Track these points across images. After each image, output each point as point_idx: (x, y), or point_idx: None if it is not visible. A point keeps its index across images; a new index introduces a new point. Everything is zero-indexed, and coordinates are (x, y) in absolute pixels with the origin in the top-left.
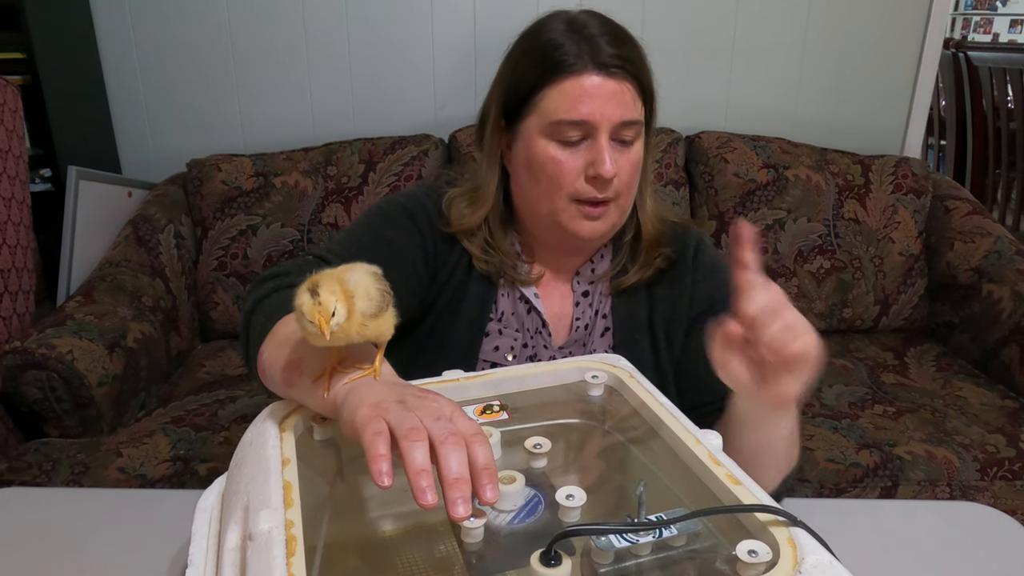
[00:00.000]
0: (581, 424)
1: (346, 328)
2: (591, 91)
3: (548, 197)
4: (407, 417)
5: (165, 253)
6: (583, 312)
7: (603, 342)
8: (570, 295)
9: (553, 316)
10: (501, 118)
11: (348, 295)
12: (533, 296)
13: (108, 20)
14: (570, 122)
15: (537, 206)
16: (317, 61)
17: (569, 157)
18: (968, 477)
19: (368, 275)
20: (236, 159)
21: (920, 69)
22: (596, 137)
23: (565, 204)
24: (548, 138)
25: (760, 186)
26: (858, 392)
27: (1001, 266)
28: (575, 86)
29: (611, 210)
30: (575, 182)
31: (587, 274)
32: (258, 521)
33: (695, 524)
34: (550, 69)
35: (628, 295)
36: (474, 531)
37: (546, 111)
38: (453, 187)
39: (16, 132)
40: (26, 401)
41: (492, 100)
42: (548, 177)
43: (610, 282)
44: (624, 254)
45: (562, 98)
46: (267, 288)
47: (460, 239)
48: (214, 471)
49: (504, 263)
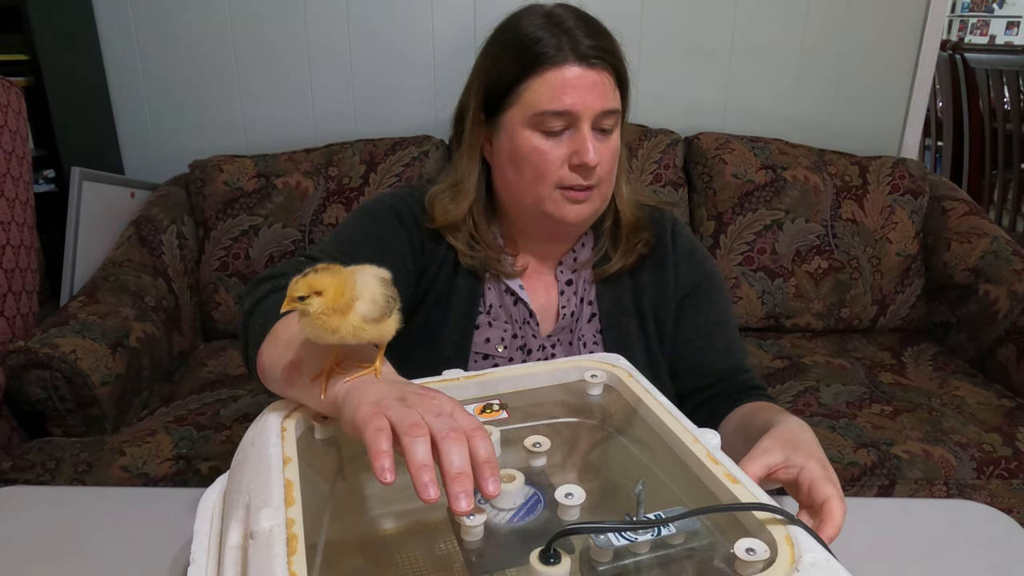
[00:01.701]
0: (580, 423)
1: (335, 324)
2: (573, 82)
3: (533, 186)
4: (408, 414)
5: (168, 253)
6: (568, 300)
7: (590, 328)
8: (554, 285)
9: (539, 307)
10: (481, 112)
11: (341, 293)
12: (518, 288)
13: (111, 22)
14: (554, 113)
15: (522, 196)
16: (318, 63)
17: (553, 147)
18: (965, 476)
19: (376, 279)
20: (238, 160)
21: (917, 71)
22: (579, 127)
23: (550, 192)
24: (532, 129)
25: (758, 187)
26: (856, 391)
27: (998, 266)
28: (557, 77)
29: (594, 196)
30: (559, 171)
31: (570, 263)
32: (259, 519)
33: (693, 522)
34: (531, 61)
35: (612, 281)
36: (474, 529)
37: (529, 103)
38: (434, 185)
39: (20, 133)
40: (30, 400)
41: (471, 95)
42: (532, 167)
43: (593, 270)
44: (605, 240)
45: (545, 89)
46: (264, 289)
47: (445, 235)
48: (216, 470)
49: (489, 256)
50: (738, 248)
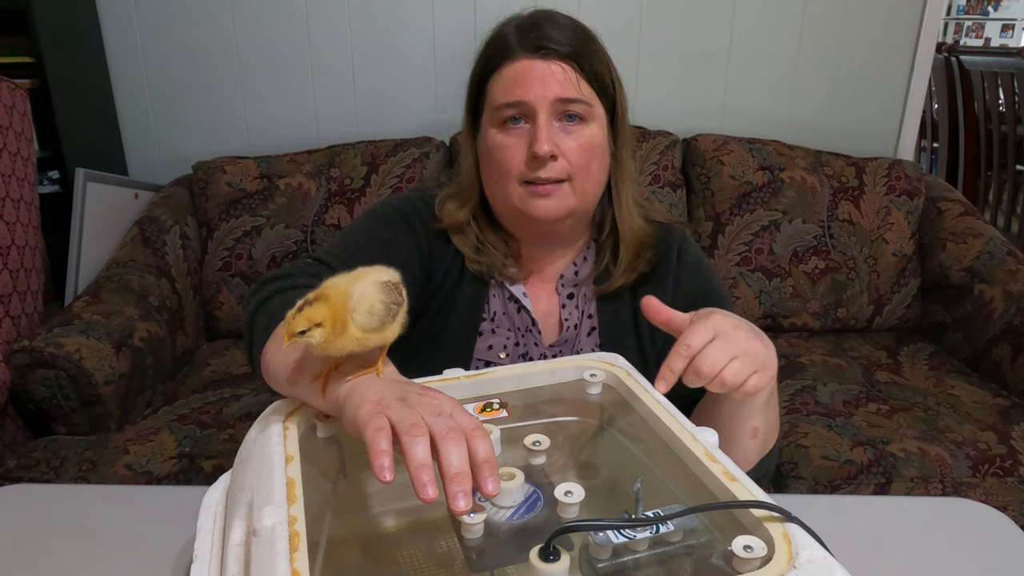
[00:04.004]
0: (579, 422)
1: (340, 345)
2: (524, 73)
3: (501, 184)
4: (408, 413)
5: (171, 254)
6: (570, 313)
7: (590, 341)
8: (555, 297)
9: (541, 315)
10: (469, 117)
11: (339, 316)
12: (522, 295)
13: (115, 25)
14: (507, 104)
15: (496, 195)
16: (320, 65)
17: (512, 142)
18: (960, 474)
19: (376, 287)
20: (241, 161)
21: (913, 73)
22: (535, 118)
23: (515, 187)
24: (496, 127)
25: (756, 188)
26: (852, 390)
27: (993, 266)
28: (512, 71)
29: (565, 191)
30: (519, 165)
31: (571, 277)
32: (262, 517)
33: (691, 520)
34: (492, 59)
35: (612, 297)
36: (474, 527)
37: (492, 100)
38: (443, 189)
39: (25, 135)
40: (35, 399)
41: (465, 103)
42: (497, 164)
43: (593, 286)
44: (606, 255)
45: (501, 84)
46: (269, 290)
47: (453, 238)
48: (219, 468)
49: (495, 261)
50: (736, 249)
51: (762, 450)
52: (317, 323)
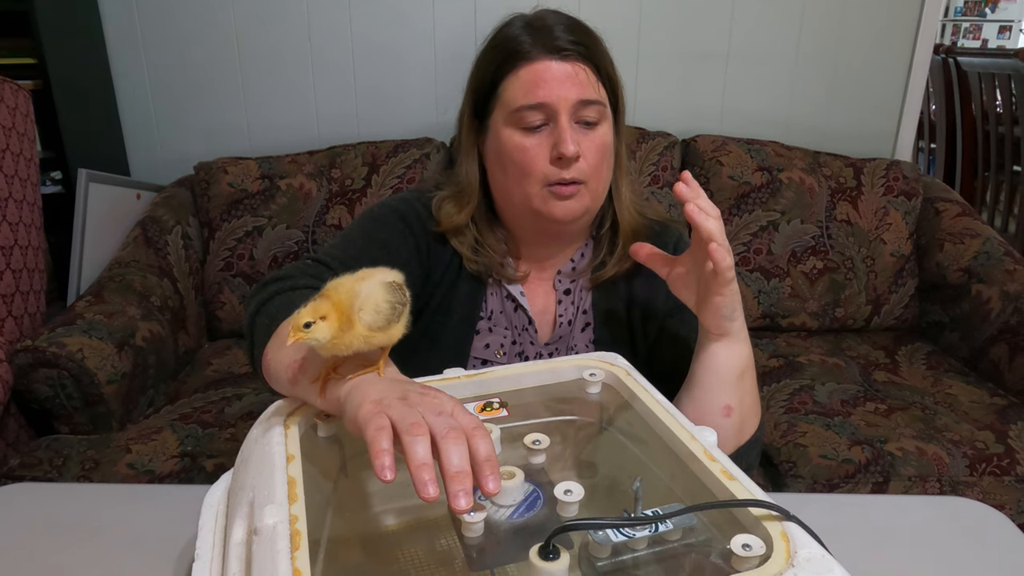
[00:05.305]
0: (579, 421)
1: (347, 341)
2: (545, 75)
3: (519, 185)
4: (409, 413)
5: (173, 254)
6: (566, 309)
7: (584, 337)
8: (553, 293)
9: (538, 314)
10: (473, 117)
11: (345, 313)
12: (519, 295)
13: (117, 26)
14: (529, 107)
15: (511, 196)
16: (321, 66)
17: (534, 143)
18: (957, 473)
19: (381, 287)
20: (242, 162)
21: (911, 74)
22: (557, 119)
23: (537, 189)
24: (513, 127)
25: (754, 188)
26: (850, 390)
27: (990, 267)
28: (530, 72)
29: (583, 192)
30: (543, 166)
31: (568, 271)
32: (263, 516)
33: (690, 519)
34: (507, 60)
35: (607, 288)
36: (474, 525)
37: (507, 101)
38: (441, 190)
39: (27, 136)
40: (37, 398)
41: (465, 102)
42: (516, 165)
43: (589, 276)
44: (603, 247)
45: (520, 85)
46: (270, 291)
47: (450, 239)
48: (221, 467)
49: (493, 261)
50: (735, 249)
51: (738, 435)
52: (322, 316)
